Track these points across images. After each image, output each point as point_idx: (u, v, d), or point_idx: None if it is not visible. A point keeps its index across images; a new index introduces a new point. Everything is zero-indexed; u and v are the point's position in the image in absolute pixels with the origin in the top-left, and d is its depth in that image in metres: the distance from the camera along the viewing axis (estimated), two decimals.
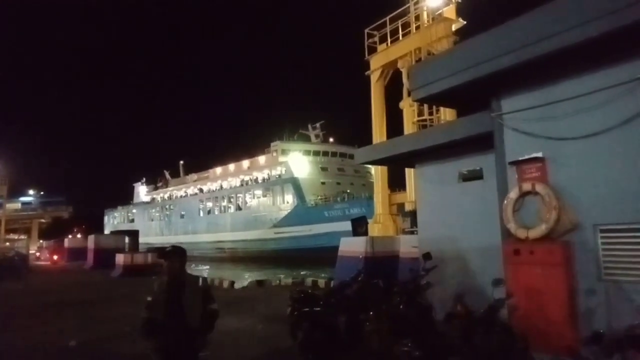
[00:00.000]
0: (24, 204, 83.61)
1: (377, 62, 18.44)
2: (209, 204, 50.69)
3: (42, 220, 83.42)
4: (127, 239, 26.03)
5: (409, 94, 14.77)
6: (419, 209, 9.47)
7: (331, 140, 47.04)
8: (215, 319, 3.91)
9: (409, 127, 16.65)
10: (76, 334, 8.71)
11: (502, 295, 5.21)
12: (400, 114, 17.44)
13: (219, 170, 52.32)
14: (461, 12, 16.79)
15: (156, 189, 65.17)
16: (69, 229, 70.24)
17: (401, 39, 17.28)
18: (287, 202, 40.39)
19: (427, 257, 6.63)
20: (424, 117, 16.26)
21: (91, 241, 29.16)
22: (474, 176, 8.08)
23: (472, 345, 4.66)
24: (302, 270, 26.63)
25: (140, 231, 29.78)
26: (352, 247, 14.76)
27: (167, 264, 3.88)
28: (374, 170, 20.69)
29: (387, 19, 17.50)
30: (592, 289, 5.34)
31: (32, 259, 34.61)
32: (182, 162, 63.67)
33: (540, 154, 6.01)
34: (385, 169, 17.65)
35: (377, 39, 18.16)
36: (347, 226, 17.37)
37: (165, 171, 65.25)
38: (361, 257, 13.61)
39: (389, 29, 17.50)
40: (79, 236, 52.66)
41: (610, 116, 5.32)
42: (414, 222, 12.77)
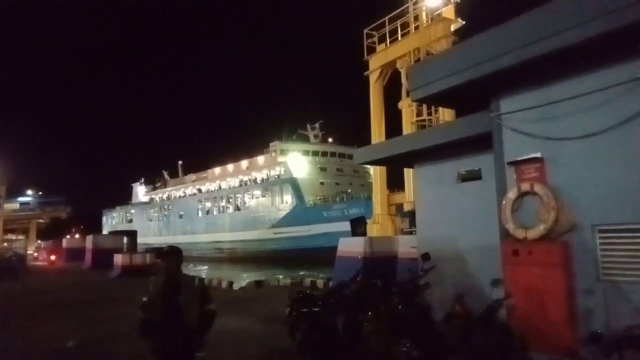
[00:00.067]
0: (22, 204, 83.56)
1: (376, 62, 18.43)
2: (208, 204, 50.67)
3: (41, 220, 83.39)
4: (125, 239, 25.98)
5: (408, 94, 14.77)
6: (418, 210, 9.48)
7: (330, 140, 47.07)
8: (212, 320, 3.90)
9: (407, 127, 16.65)
10: (74, 334, 8.69)
11: (500, 295, 5.22)
12: (399, 114, 17.43)
13: (217, 170, 52.30)
14: (460, 12, 16.80)
15: (155, 189, 65.13)
16: (67, 229, 70.18)
17: (400, 39, 17.27)
18: (286, 203, 40.38)
19: (426, 257, 6.63)
20: (422, 118, 16.25)
21: (89, 241, 29.13)
22: (473, 176, 8.09)
23: (470, 345, 4.67)
24: (300, 270, 26.63)
25: (138, 231, 29.81)
26: (351, 247, 14.75)
27: (163, 264, 3.88)
28: (372, 170, 20.70)
29: (386, 19, 17.50)
30: (590, 289, 5.34)
31: (30, 260, 34.55)
32: (180, 162, 63.74)
33: (538, 154, 6.02)
34: (384, 169, 17.63)
35: (376, 39, 18.14)
36: (345, 226, 17.36)
37: (163, 171, 65.32)
38: (360, 257, 13.61)
39: (387, 29, 17.49)
40: (77, 236, 52.60)
41: (609, 116, 5.32)
42: (413, 223, 12.78)
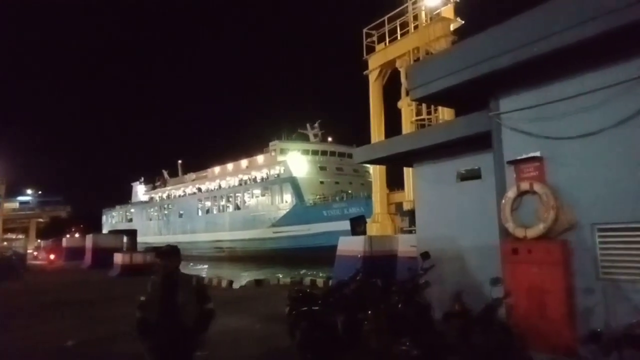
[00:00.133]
0: (22, 203, 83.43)
1: (375, 62, 18.42)
2: (208, 204, 50.67)
3: (40, 219, 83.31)
4: (125, 239, 26.00)
5: (407, 94, 14.77)
6: (417, 209, 9.48)
7: (330, 139, 47.08)
8: (210, 319, 3.88)
9: (407, 126, 16.66)
10: (74, 334, 8.70)
11: (500, 294, 5.23)
12: (398, 113, 17.44)
13: (217, 169, 52.30)
14: (459, 11, 16.81)
15: (154, 188, 65.11)
16: (67, 229, 70.17)
17: (399, 38, 17.27)
18: (286, 202, 40.39)
19: (426, 256, 6.63)
20: (422, 117, 16.26)
21: (89, 241, 29.16)
22: (472, 176, 8.09)
23: (470, 344, 4.67)
24: (300, 269, 26.64)
25: (138, 231, 29.81)
26: (351, 246, 14.76)
27: (161, 263, 3.87)
28: (372, 169, 20.71)
29: (386, 18, 17.49)
30: (590, 288, 5.35)
31: (29, 259, 34.56)
32: (180, 161, 63.73)
33: (538, 154, 6.02)
34: (383, 168, 17.64)
35: (375, 39, 18.13)
36: (345, 225, 17.37)
37: (163, 170, 65.32)
38: (359, 256, 13.64)
39: (387, 28, 17.48)
40: (77, 236, 52.64)
41: (608, 116, 5.33)
42: (412, 222, 12.80)
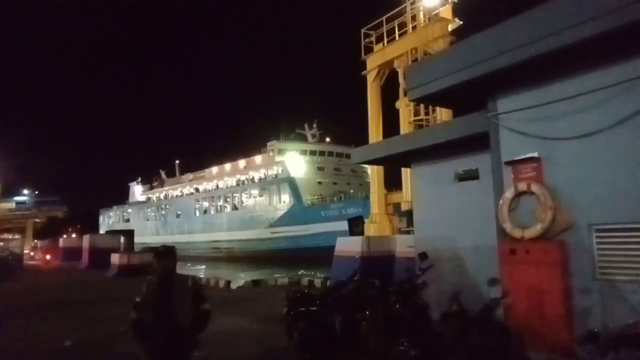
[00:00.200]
0: (18, 203, 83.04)
1: (373, 62, 18.43)
2: (205, 204, 50.58)
3: (37, 219, 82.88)
4: (122, 239, 25.91)
5: (405, 94, 14.76)
6: (415, 209, 9.49)
7: (328, 140, 47.06)
8: (207, 319, 3.86)
9: (405, 127, 16.66)
10: (71, 334, 8.67)
11: (497, 294, 5.23)
12: (396, 113, 17.44)
13: (215, 169, 52.24)
14: (457, 12, 16.82)
15: (152, 188, 64.98)
16: (64, 229, 69.79)
17: (397, 38, 17.27)
18: (284, 202, 40.36)
19: (423, 256, 6.65)
20: (420, 117, 16.25)
21: (86, 241, 29.07)
22: (470, 176, 8.11)
23: (468, 344, 4.68)
24: (298, 270, 26.62)
25: (135, 231, 29.71)
26: (349, 246, 14.76)
27: (156, 263, 3.85)
28: (370, 170, 20.71)
29: (384, 18, 17.49)
30: (587, 289, 5.36)
31: (26, 259, 34.43)
32: (177, 161, 63.68)
33: (535, 154, 6.04)
34: (381, 168, 17.65)
35: (373, 39, 18.13)
36: (343, 226, 17.37)
37: (161, 170, 65.22)
38: (357, 256, 13.62)
39: (385, 28, 17.48)
40: (74, 236, 52.42)
41: (605, 116, 5.34)
42: (410, 222, 12.79)
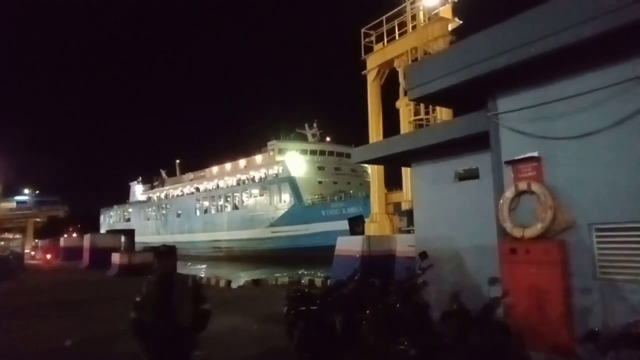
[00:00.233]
0: (19, 203, 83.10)
1: (373, 62, 18.42)
2: (206, 203, 50.60)
3: (38, 219, 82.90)
4: (123, 238, 25.93)
5: (405, 94, 14.75)
6: (416, 208, 9.49)
7: (328, 139, 47.08)
8: (206, 319, 3.86)
9: (405, 126, 16.66)
10: (72, 334, 8.68)
11: (498, 294, 5.23)
12: (396, 113, 17.44)
13: (215, 169, 52.27)
14: (457, 11, 16.81)
15: (152, 188, 65.01)
16: (65, 228, 69.84)
17: (397, 38, 17.26)
18: (284, 202, 40.37)
19: (423, 256, 6.65)
20: (420, 117, 16.25)
21: (87, 240, 29.08)
22: (470, 175, 8.10)
23: (468, 344, 4.68)
24: (298, 269, 26.64)
25: (136, 230, 29.73)
26: (349, 246, 14.76)
27: (156, 263, 3.85)
28: (370, 169, 20.71)
29: (384, 18, 17.48)
30: (587, 288, 5.36)
31: (27, 258, 34.47)
32: (178, 161, 63.69)
33: (536, 154, 6.03)
34: (381, 168, 17.64)
35: (373, 39, 18.12)
36: (344, 225, 17.40)
37: (161, 170, 65.22)
38: (358, 256, 13.63)
39: (385, 28, 17.47)
40: (75, 235, 52.45)
41: (605, 116, 5.34)
42: (411, 221, 12.79)
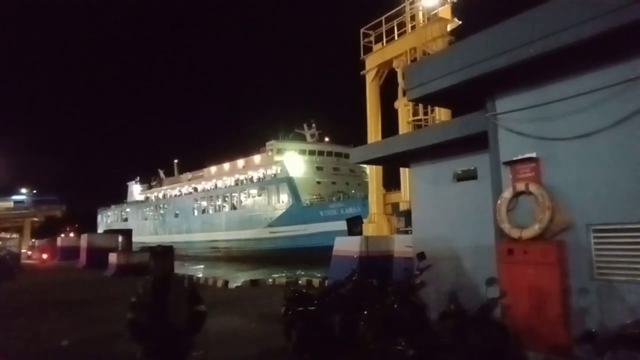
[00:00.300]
0: (16, 202, 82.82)
1: (372, 62, 18.44)
2: (204, 203, 50.52)
3: (35, 219, 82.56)
4: (120, 238, 25.84)
5: (404, 94, 14.77)
6: (414, 209, 9.50)
7: (327, 139, 47.02)
8: (202, 321, 3.83)
9: (404, 126, 16.68)
10: (69, 334, 8.65)
11: (495, 294, 5.24)
12: (395, 113, 17.46)
13: (213, 169, 52.17)
14: (456, 12, 16.85)
15: (150, 187, 64.87)
16: (62, 228, 69.74)
17: (396, 38, 17.29)
18: (282, 202, 40.33)
19: (421, 256, 6.65)
20: (419, 117, 16.28)
21: (84, 240, 28.99)
22: (469, 176, 8.12)
23: (466, 344, 4.69)
24: (296, 269, 26.63)
25: (134, 230, 29.60)
26: (347, 246, 14.76)
27: (153, 263, 3.83)
28: (368, 169, 20.72)
29: (383, 18, 17.51)
30: (584, 289, 5.37)
31: (24, 258, 34.36)
32: (176, 161, 63.48)
33: (534, 154, 6.04)
34: (379, 168, 17.66)
35: (372, 39, 18.15)
36: (342, 226, 17.37)
37: (159, 170, 65.05)
38: (356, 256, 13.62)
39: (384, 28, 17.50)
40: (72, 235, 52.33)
41: (604, 116, 5.35)
42: (409, 222, 12.80)
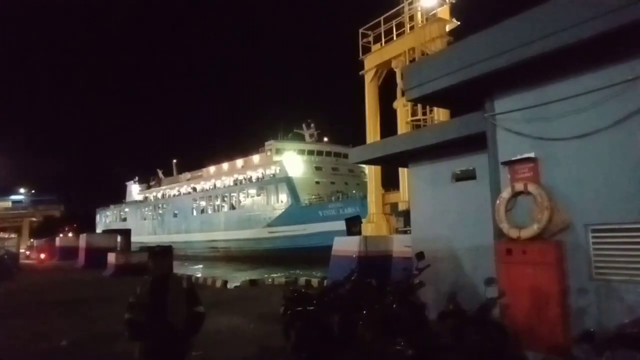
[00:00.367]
0: (14, 202, 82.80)
1: (371, 62, 18.45)
2: (203, 203, 50.47)
3: (33, 219, 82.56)
4: (119, 238, 25.82)
5: (403, 94, 14.78)
6: (413, 209, 9.50)
7: (325, 139, 47.01)
8: (200, 322, 3.81)
9: (402, 127, 16.70)
10: (67, 334, 8.64)
11: (494, 294, 5.25)
12: (394, 113, 17.48)
13: (212, 169, 52.14)
14: (455, 12, 16.88)
15: (149, 187, 64.79)
16: (61, 228, 69.59)
17: (395, 39, 17.31)
18: (281, 202, 40.32)
19: (420, 256, 6.65)
20: (417, 117, 16.30)
21: (83, 240, 28.96)
22: (467, 176, 8.12)
23: (464, 344, 4.69)
24: (295, 269, 26.63)
25: (132, 230, 29.58)
26: (346, 246, 14.76)
27: (151, 264, 3.82)
28: (367, 169, 20.74)
29: (382, 18, 17.53)
30: (583, 289, 5.38)
31: (22, 258, 34.32)
32: (175, 160, 63.40)
33: (532, 154, 6.05)
34: (378, 168, 17.67)
35: (371, 39, 18.17)
36: (341, 226, 17.38)
37: (158, 170, 64.97)
38: (354, 256, 13.63)
39: (383, 28, 17.52)
40: (71, 235, 52.27)
41: (602, 117, 5.36)
42: (407, 222, 12.81)
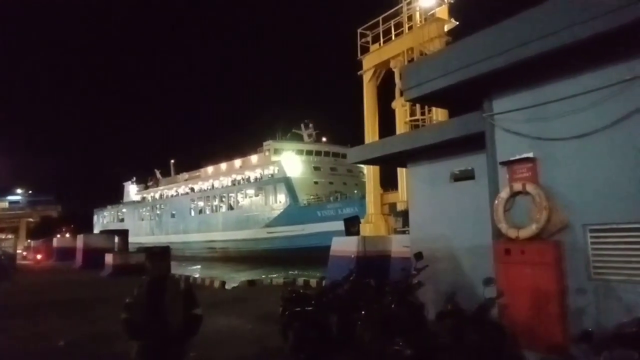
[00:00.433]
0: (11, 202, 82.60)
1: (369, 62, 18.45)
2: (201, 204, 50.40)
3: (31, 219, 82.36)
4: (116, 239, 25.79)
5: (402, 94, 14.78)
6: (411, 209, 9.50)
7: (324, 139, 47.01)
8: (198, 324, 3.79)
9: (401, 127, 16.70)
10: (65, 334, 8.62)
11: (492, 294, 5.25)
12: (392, 113, 17.48)
13: (210, 169, 52.07)
14: (453, 12, 16.90)
15: (147, 188, 64.70)
16: (58, 229, 69.38)
17: (394, 39, 17.31)
18: (280, 202, 40.29)
19: (419, 256, 6.65)
20: (416, 117, 16.30)
21: (80, 241, 28.92)
22: (466, 176, 8.12)
23: (463, 344, 4.69)
24: (294, 270, 26.61)
25: (130, 231, 29.56)
26: (344, 246, 14.77)
27: (149, 264, 3.80)
28: (366, 170, 20.75)
29: (380, 18, 17.53)
30: (581, 288, 5.38)
31: (19, 259, 34.22)
32: (173, 161, 63.28)
33: (531, 154, 6.05)
34: (377, 168, 17.67)
35: (369, 39, 18.17)
36: (339, 226, 17.38)
37: (156, 170, 64.85)
38: (353, 256, 13.64)
39: (381, 28, 17.52)
40: (68, 235, 52.12)
41: (600, 117, 5.36)
42: (406, 222, 12.81)
